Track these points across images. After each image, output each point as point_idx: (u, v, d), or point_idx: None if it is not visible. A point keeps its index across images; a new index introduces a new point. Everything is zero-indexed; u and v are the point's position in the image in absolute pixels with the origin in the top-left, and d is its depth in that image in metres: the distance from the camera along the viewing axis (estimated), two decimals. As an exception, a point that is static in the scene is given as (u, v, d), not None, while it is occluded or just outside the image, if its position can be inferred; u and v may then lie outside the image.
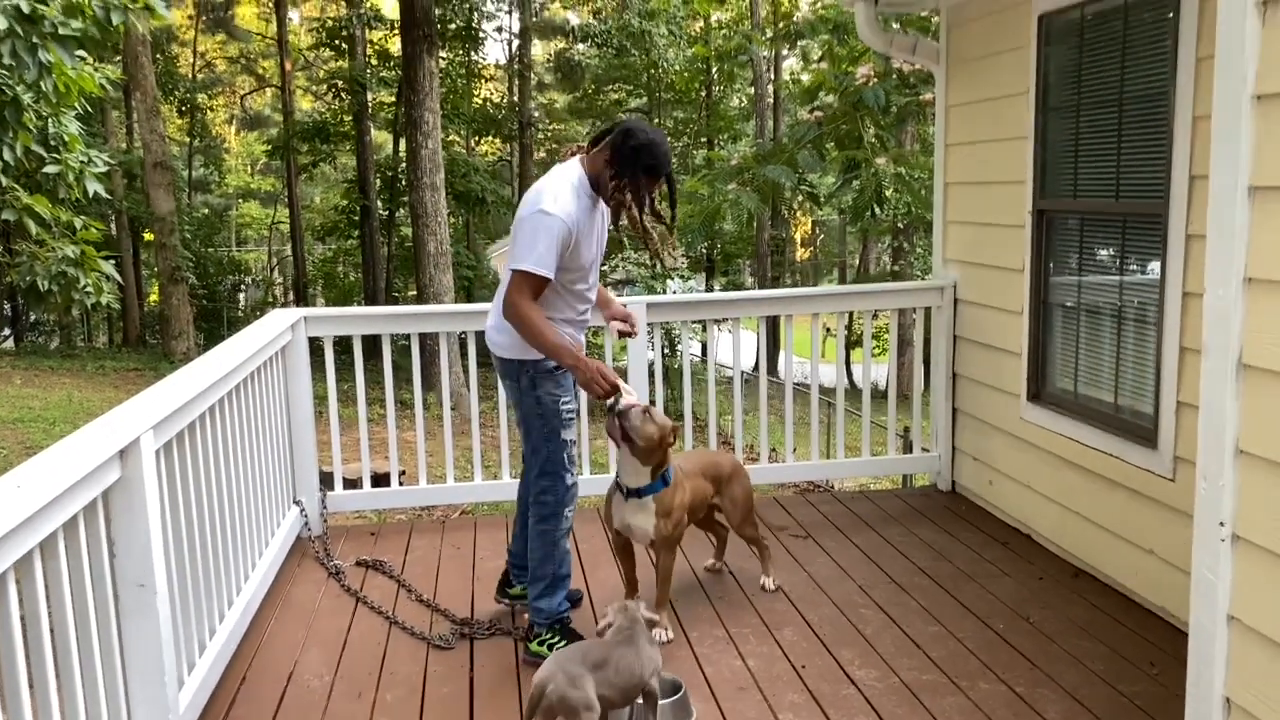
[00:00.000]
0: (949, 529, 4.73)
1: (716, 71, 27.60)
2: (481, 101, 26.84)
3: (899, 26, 7.35)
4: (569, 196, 3.24)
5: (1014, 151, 4.48)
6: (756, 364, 5.40)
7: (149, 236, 22.57)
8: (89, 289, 7.13)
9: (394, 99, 23.29)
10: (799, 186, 8.57)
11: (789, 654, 3.49)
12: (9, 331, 25.41)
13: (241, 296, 31.74)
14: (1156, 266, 3.67)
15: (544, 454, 3.45)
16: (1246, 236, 2.00)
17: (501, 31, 29.75)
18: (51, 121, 6.62)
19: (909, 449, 5.75)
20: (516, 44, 27.55)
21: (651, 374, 4.88)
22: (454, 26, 22.31)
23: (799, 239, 35.23)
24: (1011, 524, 4.74)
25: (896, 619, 3.76)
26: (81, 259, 7.10)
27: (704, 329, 9.42)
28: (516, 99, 26.94)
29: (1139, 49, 3.73)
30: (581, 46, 27.98)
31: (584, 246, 3.34)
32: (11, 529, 1.96)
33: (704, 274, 26.46)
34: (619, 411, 3.31)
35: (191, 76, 29.85)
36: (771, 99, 26.66)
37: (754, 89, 28.23)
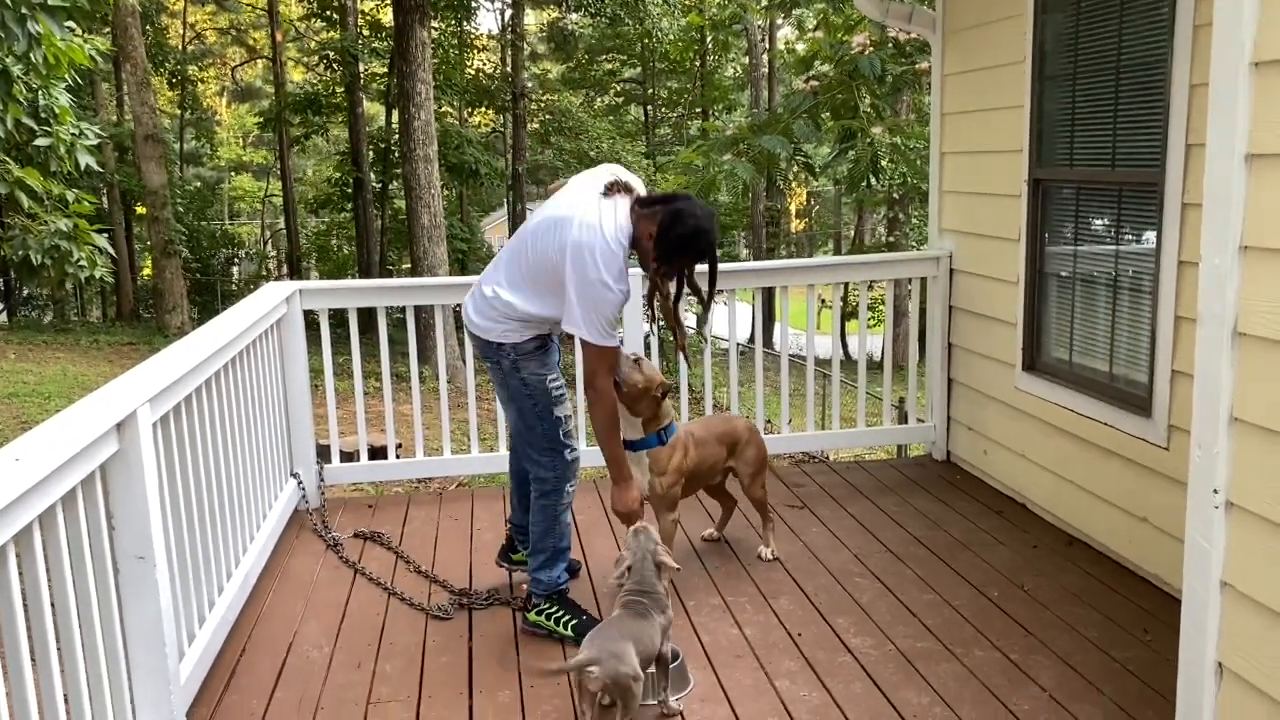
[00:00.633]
0: (944, 498, 4.76)
1: (711, 41, 27.41)
2: (474, 72, 26.60)
3: (895, -6, 7.29)
4: (620, 256, 3.20)
5: (1010, 120, 4.47)
6: (752, 336, 5.39)
7: (141, 210, 22.44)
8: (82, 263, 7.12)
9: (386, 70, 23.09)
10: (794, 157, 8.51)
11: (785, 622, 3.52)
12: (2, 306, 25.33)
13: (235, 270, 31.69)
14: (1152, 235, 3.66)
15: (539, 431, 3.45)
16: (1243, 204, 2.00)
17: (494, 1, 29.51)
18: (42, 94, 6.58)
19: (904, 419, 5.76)
20: (509, 13, 27.28)
21: (648, 346, 4.89)
22: (445, -4, 22.10)
23: (794, 210, 35.14)
24: (1006, 493, 4.76)
25: (892, 587, 3.79)
26: (74, 232, 7.08)
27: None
28: (509, 69, 26.72)
29: (1136, 16, 3.71)
30: (575, 16, 27.78)
31: None
32: (10, 502, 1.97)
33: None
34: None
35: (182, 48, 29.62)
36: (766, 68, 26.53)
37: (749, 58, 28.07)
